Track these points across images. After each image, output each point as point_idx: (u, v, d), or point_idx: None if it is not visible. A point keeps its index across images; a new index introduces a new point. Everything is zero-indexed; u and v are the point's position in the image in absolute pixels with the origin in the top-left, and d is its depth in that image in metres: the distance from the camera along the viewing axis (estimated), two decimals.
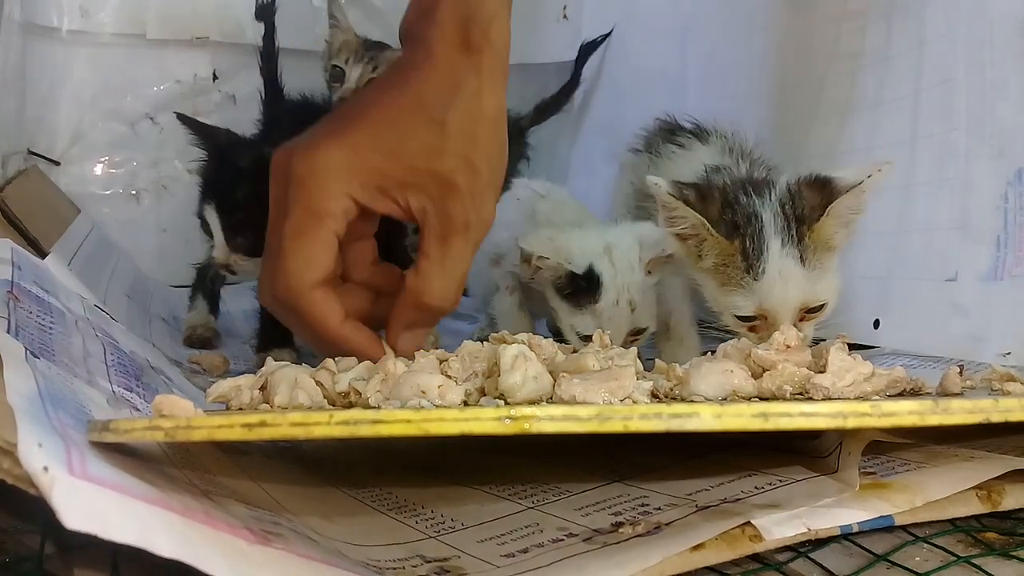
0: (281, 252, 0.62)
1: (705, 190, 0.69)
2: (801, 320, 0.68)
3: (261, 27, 1.16)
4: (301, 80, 1.13)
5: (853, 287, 0.79)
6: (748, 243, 0.66)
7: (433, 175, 0.64)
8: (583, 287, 0.79)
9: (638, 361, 0.55)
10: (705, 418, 0.38)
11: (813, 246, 0.67)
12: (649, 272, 0.80)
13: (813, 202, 0.68)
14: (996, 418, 0.41)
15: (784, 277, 0.66)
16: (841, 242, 0.69)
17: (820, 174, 0.70)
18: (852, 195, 0.67)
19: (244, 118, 1.27)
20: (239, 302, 1.10)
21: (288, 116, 1.06)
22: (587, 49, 1.39)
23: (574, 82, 1.40)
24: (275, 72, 1.12)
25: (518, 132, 1.31)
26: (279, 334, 0.86)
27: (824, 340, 0.58)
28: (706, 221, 0.67)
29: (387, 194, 0.64)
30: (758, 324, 0.68)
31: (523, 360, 0.49)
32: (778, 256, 0.66)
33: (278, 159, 0.65)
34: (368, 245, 0.69)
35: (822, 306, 0.68)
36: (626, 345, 0.79)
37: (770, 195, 0.69)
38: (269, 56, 1.12)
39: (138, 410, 0.54)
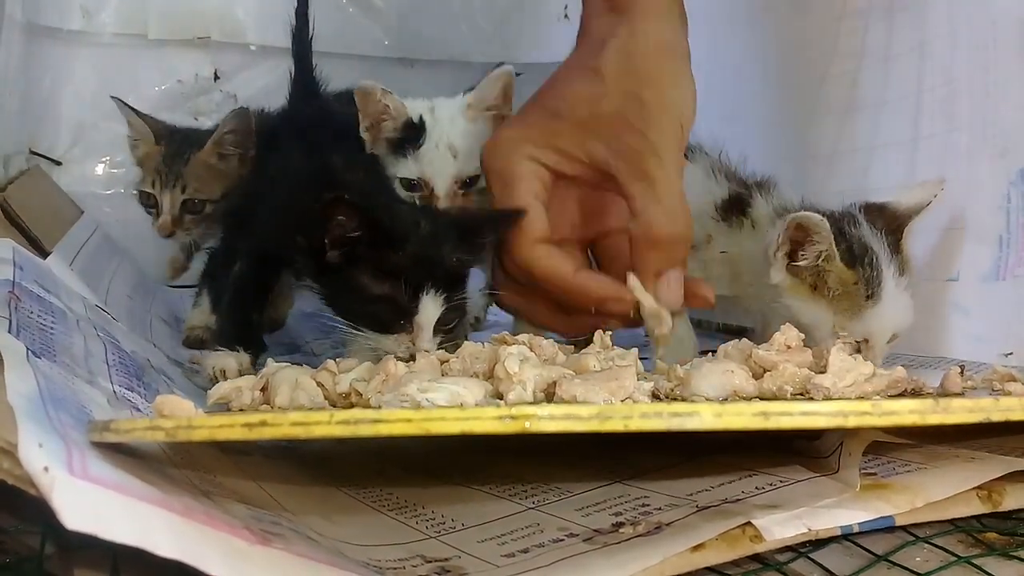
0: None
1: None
2: None
3: (261, 27, 1.16)
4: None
5: None
6: (868, 271, 0.69)
7: (599, 118, 0.66)
8: (410, 137, 0.84)
9: (639, 362, 0.55)
10: (706, 417, 0.38)
11: (906, 273, 0.70)
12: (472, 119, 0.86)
13: (887, 229, 0.71)
14: (996, 417, 0.41)
15: (895, 306, 0.69)
16: (912, 266, 0.71)
17: (872, 201, 0.73)
18: (921, 216, 0.70)
19: None
20: None
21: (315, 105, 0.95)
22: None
23: None
24: (307, 50, 0.97)
25: None
26: (245, 334, 0.79)
27: None
28: (837, 251, 0.68)
29: (565, 153, 0.68)
30: (860, 347, 0.69)
31: (523, 361, 0.49)
32: (893, 284, 0.69)
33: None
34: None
35: (895, 335, 0.69)
36: (454, 199, 0.84)
37: (865, 225, 0.71)
38: (301, 35, 0.97)
39: (139, 410, 0.54)
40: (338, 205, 0.65)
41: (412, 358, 0.62)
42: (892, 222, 0.71)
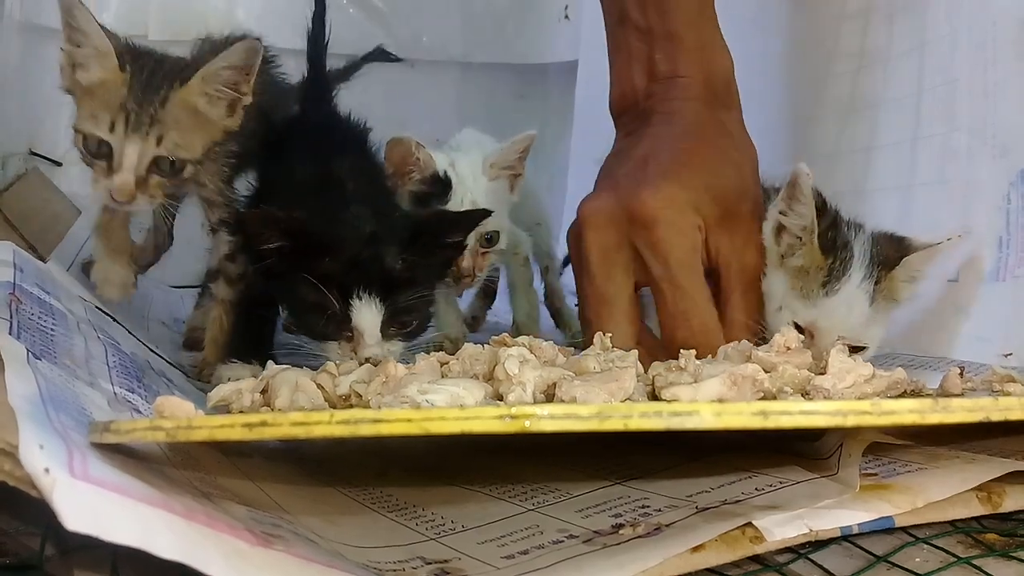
0: (679, 297, 0.67)
1: (823, 203, 0.72)
2: None
3: (262, 28, 1.14)
4: None
5: None
6: (836, 263, 0.70)
7: (737, 218, 0.70)
8: (437, 192, 0.86)
9: (639, 364, 0.55)
10: (705, 416, 0.38)
11: (884, 292, 0.71)
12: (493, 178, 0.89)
13: (889, 253, 0.72)
14: (996, 416, 0.41)
15: (849, 307, 0.69)
16: (905, 298, 0.73)
17: (895, 233, 0.74)
18: (928, 252, 0.71)
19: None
20: None
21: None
22: (381, 54, 1.24)
23: (355, 67, 1.20)
24: (322, 53, 0.95)
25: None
26: (259, 346, 0.77)
27: None
28: (817, 226, 0.70)
29: (705, 239, 0.69)
30: (805, 336, 0.70)
31: (523, 362, 0.49)
32: (854, 289, 0.69)
33: (595, 208, 0.71)
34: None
35: (860, 349, 0.69)
36: (475, 256, 0.86)
37: (862, 233, 0.73)
38: (317, 39, 0.95)
39: (139, 412, 0.54)
40: (255, 219, 0.65)
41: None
42: (899, 251, 0.72)
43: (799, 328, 0.69)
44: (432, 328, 0.74)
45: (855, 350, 0.68)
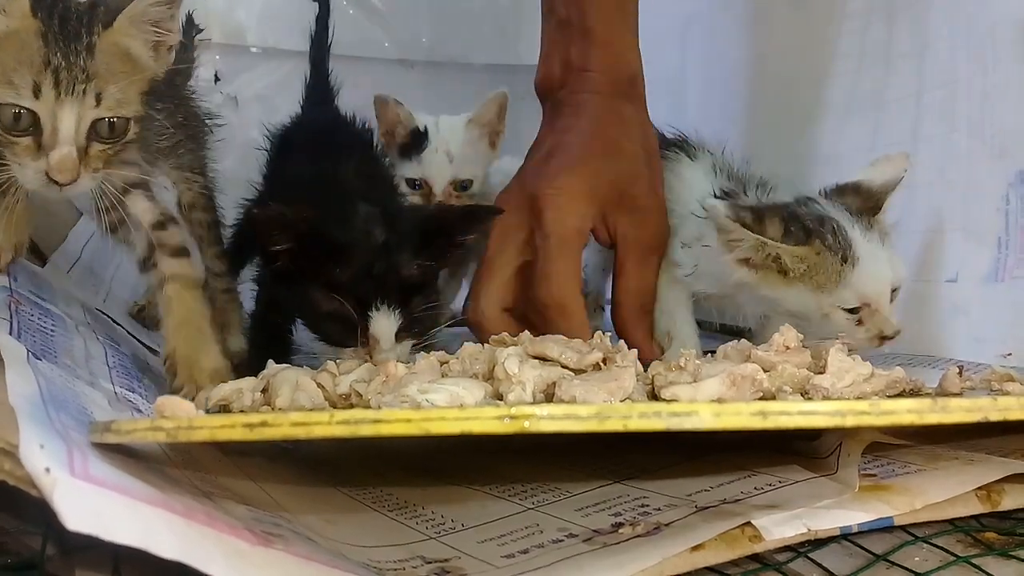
0: (549, 262, 0.75)
1: (761, 211, 0.70)
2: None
3: (262, 29, 1.14)
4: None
5: None
6: (829, 239, 0.68)
7: (632, 199, 0.78)
8: (416, 142, 1.00)
9: (638, 363, 0.55)
10: (704, 416, 0.38)
11: (880, 231, 0.71)
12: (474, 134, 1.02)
13: (858, 201, 0.72)
14: (994, 416, 0.41)
15: (875, 260, 0.69)
16: (889, 227, 0.73)
17: (840, 182, 0.74)
18: (899, 186, 0.72)
19: (246, 120, 1.27)
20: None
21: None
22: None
23: None
24: (324, 57, 0.97)
25: None
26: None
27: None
28: (765, 238, 0.68)
29: (604, 219, 0.78)
30: (863, 314, 0.69)
31: (523, 362, 0.49)
32: (865, 242, 0.69)
33: (502, 198, 0.81)
34: None
35: (897, 289, 0.70)
36: (449, 198, 0.99)
37: (823, 201, 0.72)
38: (320, 42, 0.97)
39: (140, 411, 0.54)
40: (264, 218, 0.64)
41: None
42: (868, 200, 0.72)
43: (854, 311, 0.69)
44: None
45: (893, 291, 0.69)
